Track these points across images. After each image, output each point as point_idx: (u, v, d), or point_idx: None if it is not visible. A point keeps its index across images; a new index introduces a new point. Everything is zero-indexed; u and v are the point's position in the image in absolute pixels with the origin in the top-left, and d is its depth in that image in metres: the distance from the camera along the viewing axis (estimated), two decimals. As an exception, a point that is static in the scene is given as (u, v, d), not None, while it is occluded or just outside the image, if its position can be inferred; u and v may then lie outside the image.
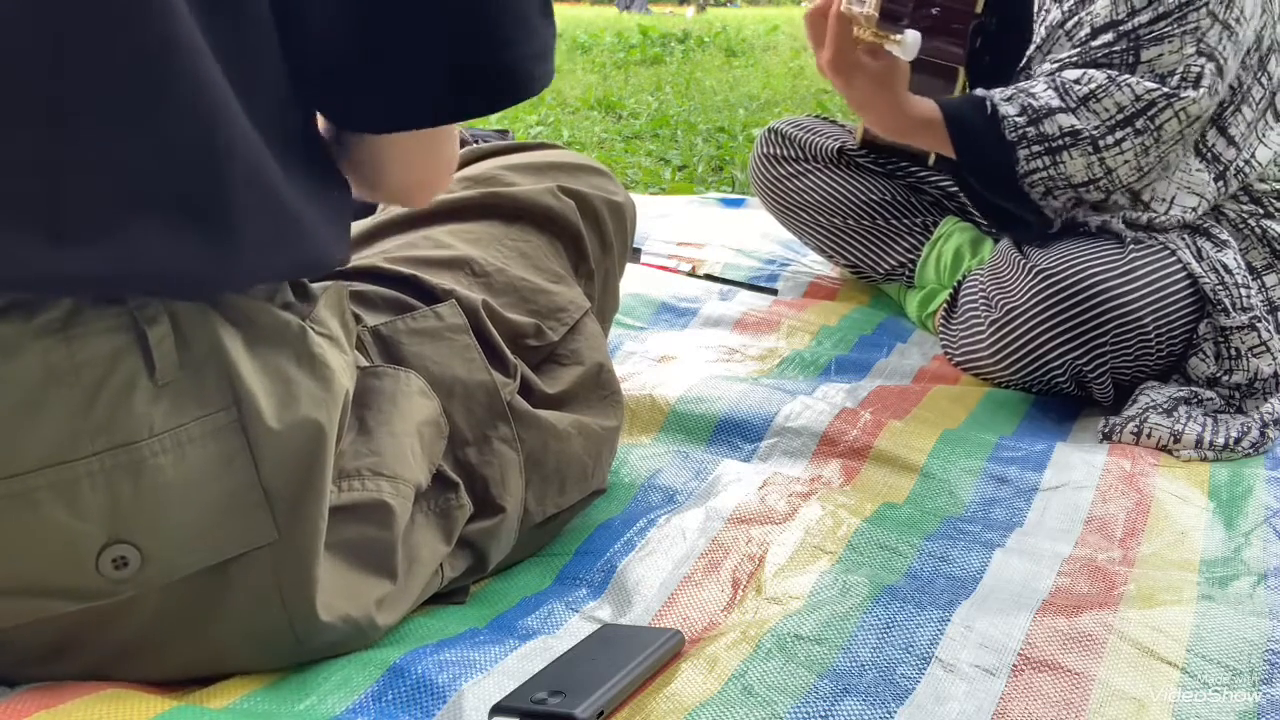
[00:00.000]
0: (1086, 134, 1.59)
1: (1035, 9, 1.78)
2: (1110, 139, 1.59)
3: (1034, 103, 1.60)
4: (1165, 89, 1.58)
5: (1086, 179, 1.61)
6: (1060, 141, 1.60)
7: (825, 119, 2.17)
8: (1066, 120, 1.59)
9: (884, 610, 1.04)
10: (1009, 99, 1.62)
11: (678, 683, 0.93)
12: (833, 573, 1.11)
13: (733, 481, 1.31)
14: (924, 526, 1.26)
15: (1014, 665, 0.96)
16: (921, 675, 0.95)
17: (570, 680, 0.90)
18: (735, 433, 1.48)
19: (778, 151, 2.11)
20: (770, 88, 5.71)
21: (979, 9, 1.78)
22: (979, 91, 1.65)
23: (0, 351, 0.78)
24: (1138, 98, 1.58)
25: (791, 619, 1.02)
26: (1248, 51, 1.63)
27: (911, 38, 1.53)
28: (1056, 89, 1.60)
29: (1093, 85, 1.59)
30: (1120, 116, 1.59)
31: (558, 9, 0.99)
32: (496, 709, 0.87)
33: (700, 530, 1.19)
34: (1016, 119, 1.60)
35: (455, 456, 1.06)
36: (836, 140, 2.08)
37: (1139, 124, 1.59)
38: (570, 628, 1.05)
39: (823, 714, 0.89)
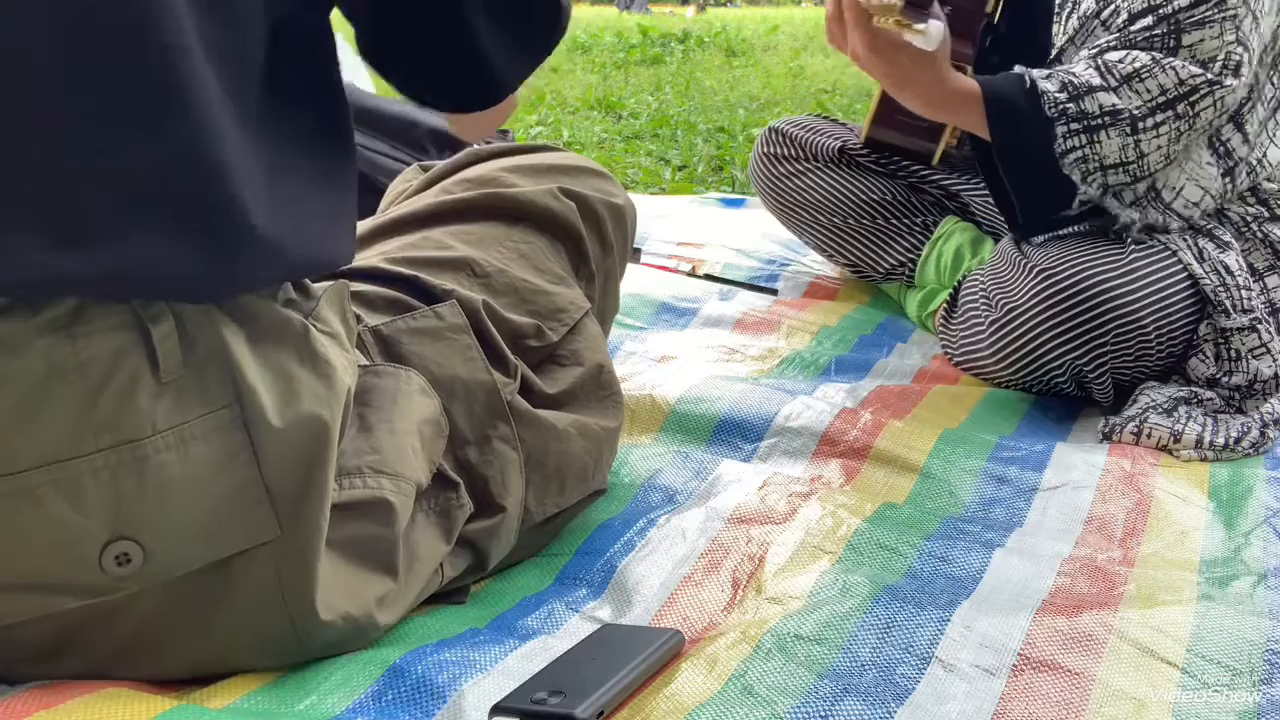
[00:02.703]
0: (1126, 114, 1.57)
1: (1056, 5, 1.76)
2: (1150, 121, 1.57)
3: (1075, 80, 1.58)
4: (1209, 75, 1.56)
5: (1119, 161, 1.59)
6: (1099, 120, 1.57)
7: (826, 118, 2.17)
8: (1107, 99, 1.57)
9: (884, 610, 1.04)
10: (1048, 76, 1.60)
11: (678, 683, 0.93)
12: (833, 573, 1.11)
13: (733, 481, 1.31)
14: (924, 526, 1.26)
15: (1014, 665, 0.96)
16: (921, 675, 0.95)
17: (570, 680, 0.90)
18: (735, 433, 1.48)
19: (778, 151, 2.11)
20: (770, 88, 5.71)
21: (990, 8, 1.77)
22: (1017, 69, 1.63)
23: (4, 348, 0.79)
24: (1181, 81, 1.56)
25: (791, 619, 1.02)
26: (1265, 48, 1.63)
27: (935, 28, 1.48)
28: (1098, 68, 1.59)
29: (1136, 65, 1.57)
30: (1162, 99, 1.57)
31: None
32: (496, 709, 0.87)
33: (700, 530, 1.19)
34: (1056, 95, 1.58)
35: (455, 456, 1.06)
36: (837, 140, 2.08)
37: (1179, 108, 1.57)
38: (570, 628, 1.05)
39: (823, 714, 0.89)
